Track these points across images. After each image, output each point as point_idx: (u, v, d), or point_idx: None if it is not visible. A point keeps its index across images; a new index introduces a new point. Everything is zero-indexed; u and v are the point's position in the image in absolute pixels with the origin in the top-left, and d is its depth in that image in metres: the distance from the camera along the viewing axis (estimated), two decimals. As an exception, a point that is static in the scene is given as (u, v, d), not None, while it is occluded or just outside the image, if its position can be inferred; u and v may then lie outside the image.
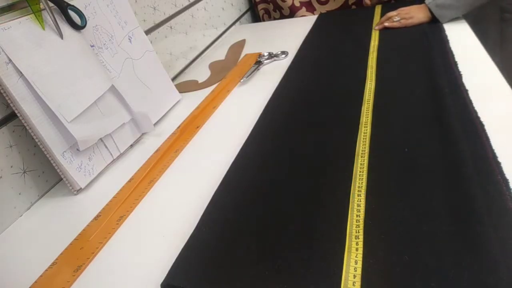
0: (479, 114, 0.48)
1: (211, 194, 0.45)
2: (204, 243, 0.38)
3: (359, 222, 0.36)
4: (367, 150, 0.46)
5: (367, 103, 0.56)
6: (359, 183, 0.41)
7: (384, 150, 0.46)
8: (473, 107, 0.50)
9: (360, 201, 0.39)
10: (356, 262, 0.32)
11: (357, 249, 0.34)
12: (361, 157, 0.45)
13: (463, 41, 0.71)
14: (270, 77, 0.75)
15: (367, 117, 0.53)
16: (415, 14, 0.81)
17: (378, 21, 0.89)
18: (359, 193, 0.40)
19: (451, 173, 0.40)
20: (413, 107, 0.53)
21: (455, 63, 0.62)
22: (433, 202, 0.37)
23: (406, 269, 0.31)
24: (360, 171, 0.43)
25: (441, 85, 0.56)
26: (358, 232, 0.35)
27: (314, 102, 0.62)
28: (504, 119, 0.47)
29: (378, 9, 1.00)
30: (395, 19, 0.83)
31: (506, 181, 0.37)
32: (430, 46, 0.70)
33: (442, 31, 0.75)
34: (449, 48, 0.68)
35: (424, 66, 0.63)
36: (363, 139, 0.48)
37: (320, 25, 1.04)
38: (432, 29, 0.77)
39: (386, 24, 0.85)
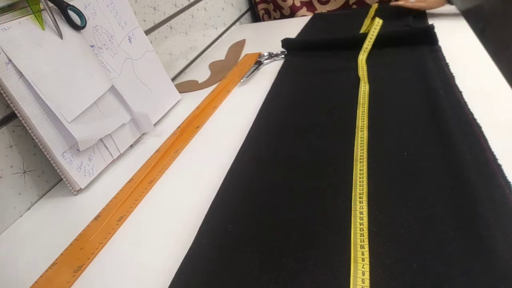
0: (476, 116, 0.48)
1: (212, 195, 0.45)
2: (204, 257, 0.36)
3: (363, 230, 0.35)
4: (365, 155, 0.45)
5: (362, 107, 0.55)
6: (359, 190, 0.40)
7: (383, 154, 0.45)
8: (468, 109, 0.49)
9: (363, 208, 0.38)
10: (363, 273, 0.31)
11: (363, 259, 0.32)
12: (360, 162, 0.44)
13: (458, 39, 0.71)
14: (270, 77, 0.75)
15: (363, 120, 0.52)
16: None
17: (369, 21, 0.89)
18: (361, 199, 0.39)
19: (453, 177, 0.39)
20: (408, 109, 0.53)
21: (447, 65, 0.62)
22: (437, 207, 0.36)
23: (415, 277, 0.30)
24: (360, 177, 0.42)
25: (435, 86, 0.55)
26: (363, 242, 0.34)
27: (307, 105, 0.61)
28: (502, 120, 0.47)
29: (372, 10, 1.00)
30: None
31: (508, 183, 0.37)
32: (421, 48, 0.69)
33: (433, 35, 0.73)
34: (440, 50, 0.67)
35: (417, 68, 0.63)
36: (361, 143, 0.47)
37: (312, 26, 1.04)
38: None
39: (401, 3, 0.87)
